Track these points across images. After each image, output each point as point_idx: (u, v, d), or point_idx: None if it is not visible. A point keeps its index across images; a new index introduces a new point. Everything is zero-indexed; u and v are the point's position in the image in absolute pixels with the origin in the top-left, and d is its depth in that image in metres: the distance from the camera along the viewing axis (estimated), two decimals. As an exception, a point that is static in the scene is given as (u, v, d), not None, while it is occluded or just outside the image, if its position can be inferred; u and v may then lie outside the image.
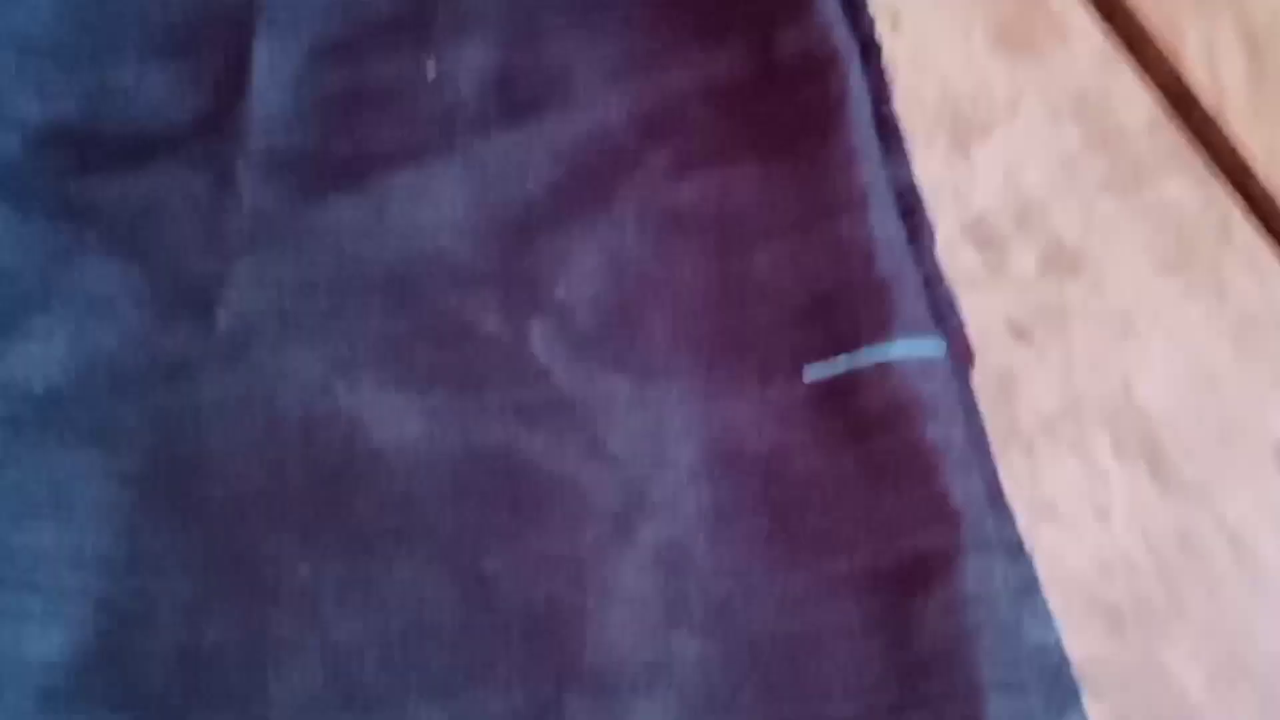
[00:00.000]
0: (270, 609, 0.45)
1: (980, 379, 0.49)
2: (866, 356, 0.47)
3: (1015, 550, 0.47)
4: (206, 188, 0.48)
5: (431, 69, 0.51)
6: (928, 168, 0.52)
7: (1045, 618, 0.46)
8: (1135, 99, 0.54)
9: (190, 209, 0.48)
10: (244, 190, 0.48)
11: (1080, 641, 0.46)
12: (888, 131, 0.51)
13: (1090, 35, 0.55)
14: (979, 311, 0.50)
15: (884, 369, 0.47)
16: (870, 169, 0.49)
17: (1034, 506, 0.48)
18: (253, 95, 0.49)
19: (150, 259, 0.48)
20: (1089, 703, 0.46)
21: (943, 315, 0.49)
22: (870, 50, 0.52)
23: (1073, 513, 0.48)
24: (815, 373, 0.47)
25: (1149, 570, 0.48)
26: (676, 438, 0.47)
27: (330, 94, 0.50)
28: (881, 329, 0.47)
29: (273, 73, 0.50)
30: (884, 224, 0.49)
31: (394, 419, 0.47)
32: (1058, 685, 0.46)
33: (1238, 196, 0.53)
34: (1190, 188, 0.53)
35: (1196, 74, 0.54)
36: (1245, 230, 0.52)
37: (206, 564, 0.45)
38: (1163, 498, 0.49)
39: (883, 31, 0.52)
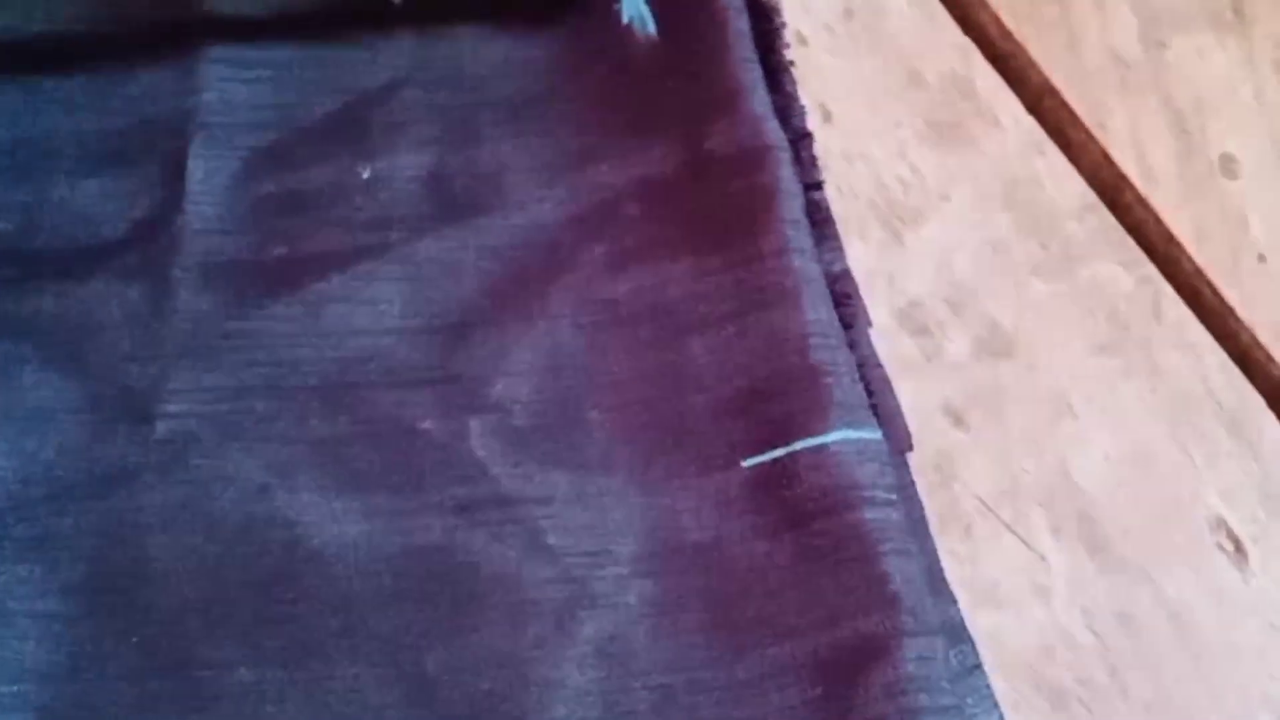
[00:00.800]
0: (212, 714, 0.45)
1: (918, 463, 0.49)
2: (802, 445, 0.47)
3: (957, 632, 0.47)
4: (143, 297, 0.49)
5: (366, 171, 0.51)
6: (861, 256, 0.52)
7: (988, 700, 0.46)
8: (1065, 183, 0.55)
9: (127, 319, 0.48)
10: (180, 298, 0.49)
11: (1024, 723, 0.47)
12: (820, 221, 0.52)
13: (1019, 121, 0.55)
14: (915, 396, 0.50)
15: (821, 454, 0.47)
16: (803, 259, 0.50)
17: (975, 588, 0.48)
18: (188, 204, 0.50)
19: (88, 370, 0.48)
20: (1034, 784, 0.46)
21: (879, 401, 0.49)
22: (802, 141, 0.53)
23: (1013, 594, 0.49)
24: (753, 461, 0.48)
25: (1091, 650, 0.48)
26: (617, 531, 0.47)
27: (265, 200, 0.51)
28: (818, 417, 0.47)
29: (207, 181, 0.51)
30: (818, 313, 0.49)
31: (333, 521, 0.47)
32: (1002, 768, 0.46)
33: (1168, 276, 0.53)
34: (1121, 268, 0.53)
35: (1124, 156, 0.55)
36: (1177, 309, 0.53)
37: (147, 670, 0.45)
38: (1102, 576, 0.49)
39: (814, 123, 0.53)
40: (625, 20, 0.53)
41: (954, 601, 0.47)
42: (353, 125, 0.52)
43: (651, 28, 0.53)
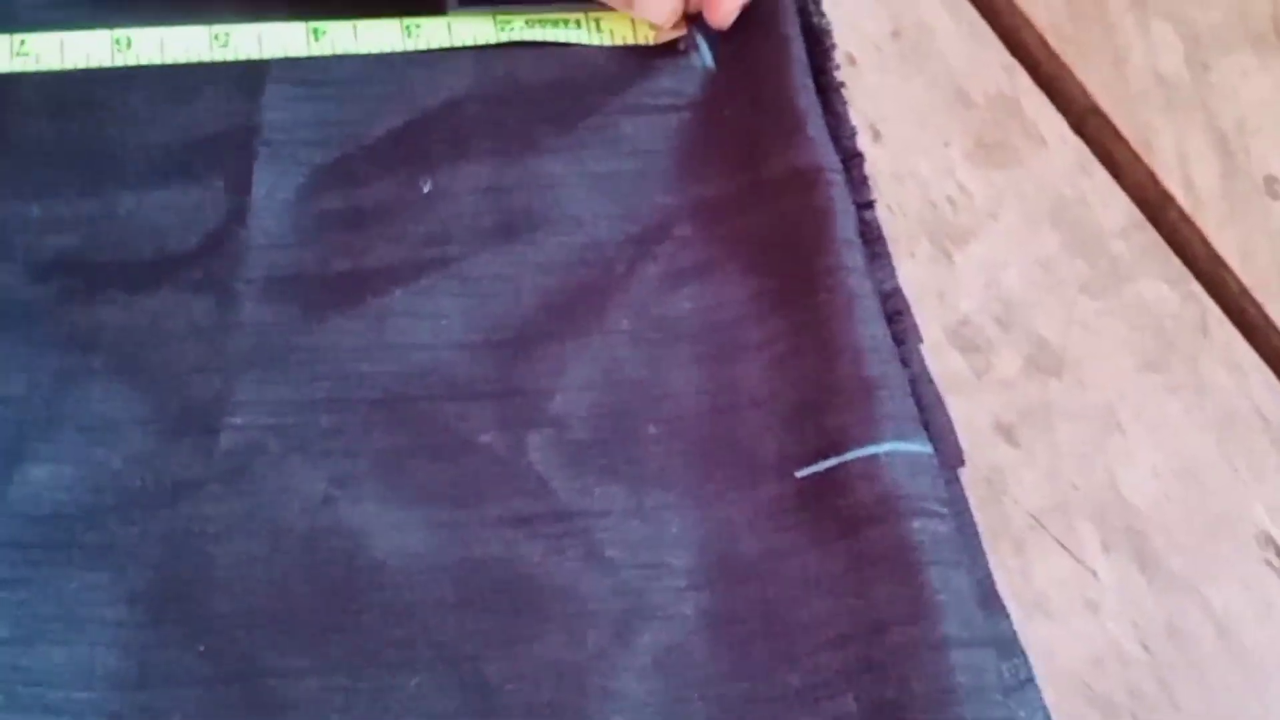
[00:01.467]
0: (279, 722, 0.46)
1: (969, 478, 0.50)
2: (854, 456, 0.48)
3: (1009, 646, 0.48)
4: (208, 310, 0.50)
5: (427, 186, 0.52)
6: (911, 274, 0.53)
7: (1041, 712, 0.47)
8: (1111, 202, 0.55)
9: (193, 331, 0.49)
10: (245, 311, 0.50)
11: (1075, 735, 0.47)
12: (871, 239, 0.53)
13: (1066, 141, 0.56)
14: (966, 412, 0.51)
15: (873, 465, 0.48)
16: (856, 276, 0.51)
17: (1026, 602, 0.49)
18: (252, 218, 0.51)
19: (154, 381, 0.49)
20: (1086, 795, 0.47)
21: (930, 416, 0.50)
22: (852, 161, 0.53)
23: (1064, 607, 0.49)
24: (806, 472, 0.48)
25: (1141, 663, 0.49)
26: (674, 543, 0.48)
27: (328, 215, 0.52)
28: (870, 430, 0.48)
29: (271, 196, 0.51)
30: (871, 329, 0.50)
31: (395, 531, 0.47)
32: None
33: (1214, 294, 0.54)
34: (1167, 287, 0.54)
35: (1170, 176, 0.56)
36: (1223, 326, 0.54)
37: (214, 678, 0.45)
38: (1151, 590, 0.49)
39: (864, 142, 0.54)
40: (681, 47, 0.54)
41: (1006, 615, 0.48)
42: (413, 141, 0.53)
43: (710, 60, 0.54)
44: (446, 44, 0.54)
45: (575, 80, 0.55)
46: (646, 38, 0.55)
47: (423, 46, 0.54)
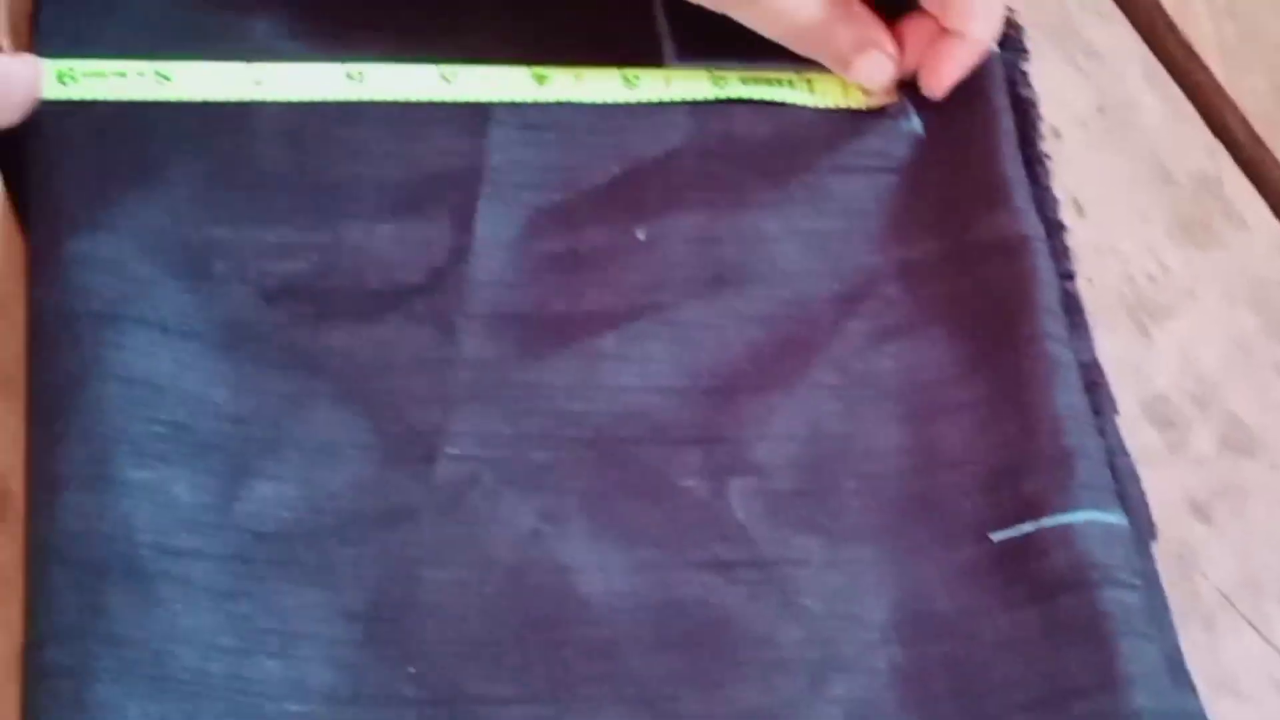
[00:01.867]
0: (485, 748, 0.47)
1: (1160, 552, 0.51)
2: (1050, 523, 0.49)
3: (1197, 721, 0.48)
4: (430, 342, 0.51)
5: (642, 234, 0.53)
6: (1109, 347, 0.54)
7: (1226, 789, 0.47)
8: (1309, 286, 0.56)
9: (415, 361, 0.51)
10: (465, 346, 0.51)
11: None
12: (1072, 310, 0.53)
13: (1266, 224, 0.57)
14: (1159, 486, 0.52)
15: (1068, 533, 0.48)
16: (1057, 345, 0.51)
17: (1214, 679, 0.49)
18: (475, 255, 0.52)
19: (376, 408, 0.50)
20: None
21: (1124, 488, 0.51)
22: (1055, 233, 0.54)
23: (1252, 687, 0.50)
24: (1002, 536, 0.49)
25: (1329, 747, 0.49)
26: (868, 597, 0.49)
27: (547, 256, 0.53)
28: (1066, 498, 0.49)
29: (494, 235, 0.53)
30: (1069, 398, 0.51)
31: (600, 570, 0.49)
32: None
33: None
34: (1364, 375, 0.55)
35: (1370, 265, 0.56)
36: None
37: (423, 700, 0.47)
38: (1342, 674, 0.50)
39: (1066, 215, 0.55)
40: (892, 113, 0.55)
41: (1194, 691, 0.48)
42: (629, 190, 0.54)
43: (917, 124, 0.55)
44: (665, 97, 0.55)
45: (787, 138, 0.56)
46: (858, 101, 0.56)
47: (642, 99, 0.55)
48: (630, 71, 0.56)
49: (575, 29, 0.57)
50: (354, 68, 0.54)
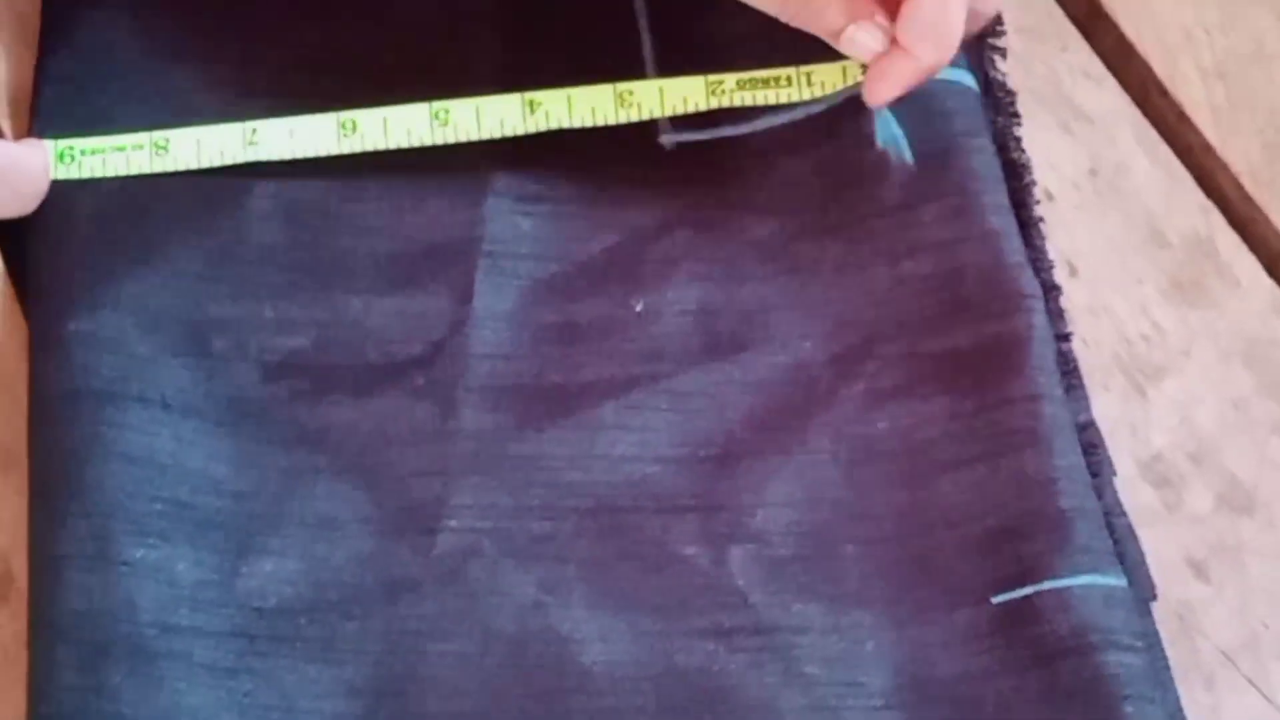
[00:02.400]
0: (487, 820, 0.47)
1: (1160, 612, 0.51)
2: (1049, 585, 0.49)
3: (1199, 783, 0.48)
4: (430, 415, 0.51)
5: (639, 305, 0.54)
6: (1105, 407, 0.54)
7: None
8: (1304, 345, 0.56)
9: (414, 435, 0.51)
10: (464, 418, 0.51)
11: None
12: (1067, 371, 0.54)
13: (1259, 284, 0.57)
14: (1157, 546, 0.52)
15: (1068, 596, 0.49)
16: (1053, 405, 0.52)
17: (1216, 740, 0.50)
18: (473, 328, 0.53)
19: (377, 483, 0.50)
20: None
21: (1123, 549, 0.51)
22: (1050, 293, 0.55)
23: (1255, 746, 0.50)
24: (1001, 598, 0.49)
25: (1330, 805, 0.49)
26: (870, 662, 0.49)
27: (545, 328, 0.53)
28: (1065, 560, 0.49)
29: (491, 308, 0.53)
30: (1067, 459, 0.51)
31: (601, 640, 0.49)
32: None
33: None
34: (1361, 432, 0.55)
35: (1365, 321, 0.57)
36: None
37: (427, 773, 0.47)
38: (1344, 733, 0.50)
39: (1060, 276, 0.55)
40: (880, 144, 0.55)
41: (1197, 751, 0.49)
42: (626, 261, 0.55)
43: (908, 155, 0.55)
44: (659, 111, 0.55)
45: (781, 202, 0.56)
46: (855, 78, 0.54)
47: (635, 117, 0.55)
48: (624, 87, 0.55)
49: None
50: (346, 116, 0.54)
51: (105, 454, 0.48)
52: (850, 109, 0.55)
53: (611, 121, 0.55)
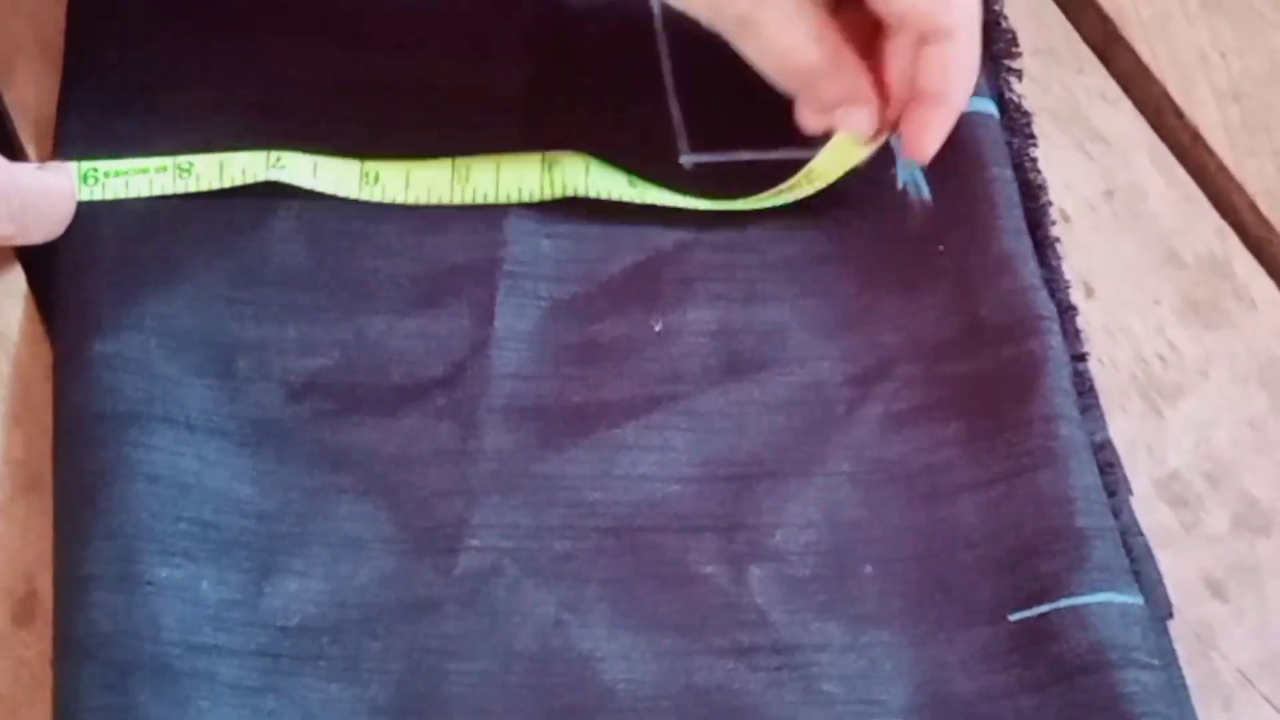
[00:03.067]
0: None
1: (1177, 632, 0.51)
2: (1067, 603, 0.49)
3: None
4: (452, 435, 0.52)
5: (658, 325, 0.54)
6: (1121, 427, 0.54)
7: None
8: (1319, 365, 0.56)
9: (437, 455, 0.51)
10: (486, 439, 0.52)
11: None
12: (1083, 391, 0.54)
13: (1275, 304, 0.57)
14: (1174, 566, 0.52)
15: (1085, 614, 0.49)
16: (1070, 426, 0.52)
17: (1234, 759, 0.50)
18: (494, 349, 0.53)
19: (399, 502, 0.51)
20: None
21: (1140, 568, 0.51)
22: (1066, 314, 0.55)
23: (1273, 765, 0.50)
24: (1019, 616, 0.50)
25: (1347, 824, 0.49)
26: (889, 680, 0.49)
27: (566, 349, 0.54)
28: (1083, 580, 0.49)
29: (512, 328, 0.54)
30: (1083, 479, 0.51)
31: (622, 658, 0.49)
32: None
33: None
34: (1377, 453, 0.55)
35: (1380, 342, 0.57)
36: None
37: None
38: (1362, 752, 0.50)
39: (1077, 297, 0.56)
40: (900, 185, 0.55)
41: (1215, 770, 0.49)
42: (646, 282, 0.55)
43: (926, 192, 0.55)
44: (670, 203, 0.56)
45: (799, 224, 0.57)
46: (855, 159, 0.55)
47: (650, 200, 0.56)
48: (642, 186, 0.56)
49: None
50: (370, 167, 0.55)
51: (130, 474, 0.49)
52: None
53: (625, 199, 0.56)
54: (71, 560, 0.48)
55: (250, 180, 0.54)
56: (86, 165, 0.54)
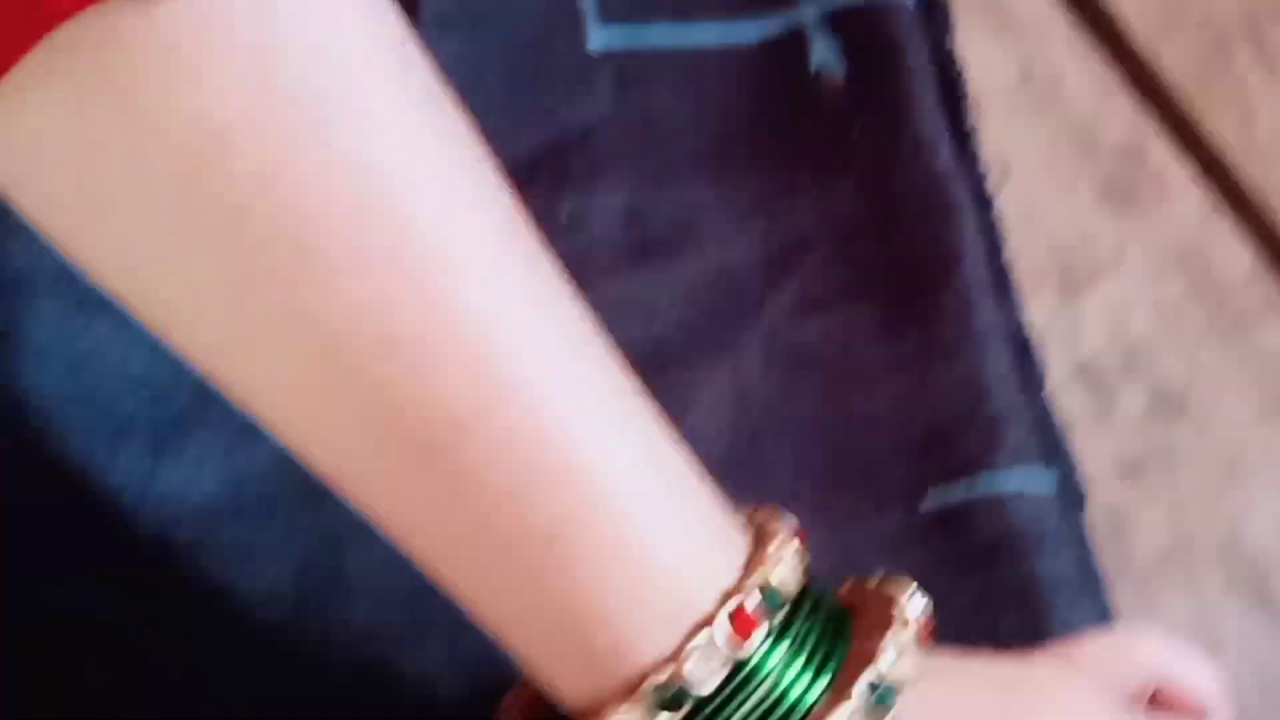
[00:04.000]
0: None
1: (1091, 517, 0.50)
2: (980, 487, 0.49)
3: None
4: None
5: (564, 212, 0.53)
6: (1037, 314, 0.54)
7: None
8: (1234, 251, 0.56)
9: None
10: None
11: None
12: (1000, 277, 0.53)
13: (1190, 191, 0.57)
14: (1089, 451, 0.51)
15: (997, 502, 0.48)
16: (984, 313, 0.51)
17: (1147, 641, 0.49)
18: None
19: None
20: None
21: (1055, 454, 0.50)
22: (984, 201, 0.54)
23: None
24: (931, 501, 0.49)
25: (1259, 707, 0.49)
26: (801, 565, 0.49)
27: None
28: (993, 459, 0.49)
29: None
30: (997, 365, 0.51)
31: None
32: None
33: (1338, 345, 0.55)
34: (1291, 336, 0.55)
35: (1293, 228, 0.57)
36: (1346, 377, 0.54)
37: (348, 685, 0.46)
38: (1273, 633, 0.50)
39: (994, 184, 0.55)
40: (814, 67, 0.54)
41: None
42: (552, 167, 0.54)
43: (840, 71, 0.54)
44: None
45: (710, 107, 0.55)
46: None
47: None
48: None
49: None
50: None
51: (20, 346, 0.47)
52: (784, 31, 0.54)
53: None
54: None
55: None
56: None
